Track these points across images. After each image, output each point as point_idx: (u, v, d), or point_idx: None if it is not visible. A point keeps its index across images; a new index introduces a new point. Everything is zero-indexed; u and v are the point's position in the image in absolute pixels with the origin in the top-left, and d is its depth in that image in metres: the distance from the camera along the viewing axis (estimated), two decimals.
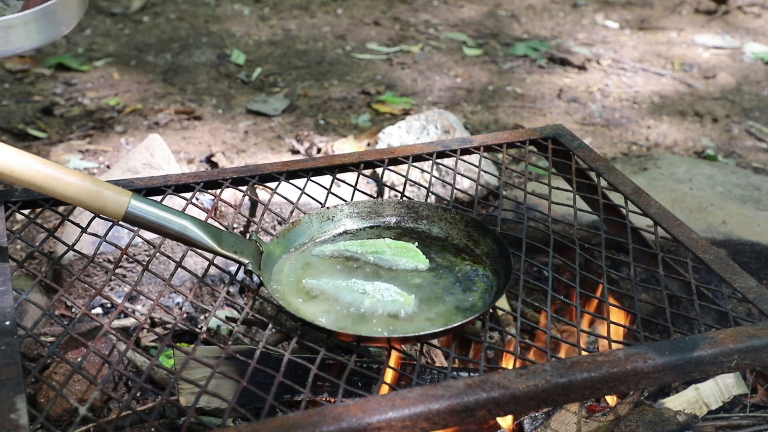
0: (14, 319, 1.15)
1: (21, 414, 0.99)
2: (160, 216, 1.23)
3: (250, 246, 1.30)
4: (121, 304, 1.22)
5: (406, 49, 3.68)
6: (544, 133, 1.76)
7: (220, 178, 1.57)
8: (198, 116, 3.01)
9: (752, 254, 2.03)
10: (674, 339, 1.16)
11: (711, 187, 2.29)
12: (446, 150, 1.69)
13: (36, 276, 1.25)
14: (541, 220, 1.53)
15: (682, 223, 1.46)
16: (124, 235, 1.89)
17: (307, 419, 0.99)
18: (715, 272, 1.34)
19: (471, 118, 3.07)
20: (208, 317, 1.25)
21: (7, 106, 3.05)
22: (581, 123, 3.05)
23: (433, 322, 1.24)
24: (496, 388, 1.05)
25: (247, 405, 1.40)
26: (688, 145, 2.92)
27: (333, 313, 1.25)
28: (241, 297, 2.02)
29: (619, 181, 1.60)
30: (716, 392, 1.65)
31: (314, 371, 1.11)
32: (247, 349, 1.49)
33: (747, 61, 3.68)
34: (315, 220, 1.45)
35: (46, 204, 1.45)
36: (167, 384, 1.65)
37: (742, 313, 1.84)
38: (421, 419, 1.02)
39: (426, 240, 1.44)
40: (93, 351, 1.12)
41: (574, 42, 3.81)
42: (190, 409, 1.05)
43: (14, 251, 2.15)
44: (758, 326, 1.19)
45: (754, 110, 3.20)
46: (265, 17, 4.03)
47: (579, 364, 1.10)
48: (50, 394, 1.61)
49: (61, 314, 1.95)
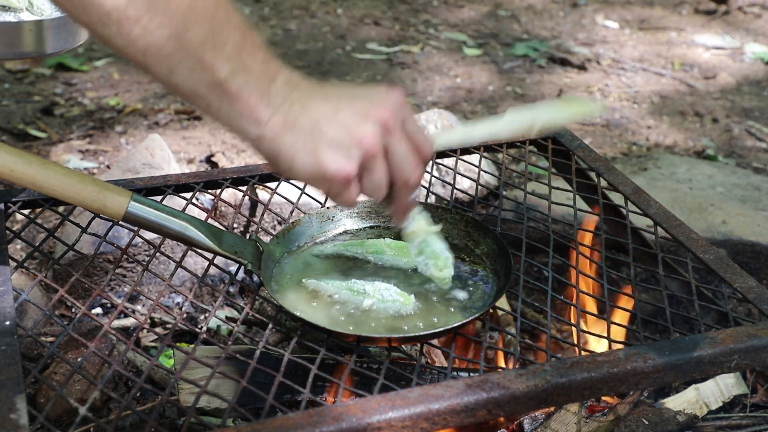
0: (14, 319, 1.14)
1: (21, 414, 0.99)
2: (160, 216, 1.23)
3: (250, 246, 1.30)
4: (121, 304, 1.22)
5: (406, 49, 3.68)
6: (544, 133, 1.76)
7: (220, 178, 1.57)
8: (198, 116, 3.01)
9: (752, 254, 2.03)
10: (674, 339, 1.16)
11: (711, 187, 2.29)
12: (446, 150, 1.69)
13: (36, 276, 1.25)
14: (541, 220, 1.53)
15: (682, 223, 1.46)
16: (124, 235, 1.89)
17: (307, 419, 0.99)
18: (715, 272, 1.34)
19: (471, 118, 3.08)
20: (208, 317, 1.25)
21: (7, 106, 3.05)
22: (581, 123, 3.05)
23: (433, 322, 1.24)
24: (496, 388, 1.05)
25: (247, 405, 1.40)
26: (688, 145, 2.92)
27: (333, 313, 1.25)
28: (241, 297, 2.02)
29: (619, 181, 1.60)
30: (716, 392, 1.65)
31: (314, 371, 1.11)
32: (247, 349, 1.49)
33: (747, 61, 3.68)
34: (315, 220, 1.45)
35: (46, 204, 1.45)
36: (167, 384, 1.65)
37: (742, 313, 1.84)
38: (421, 419, 1.02)
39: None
40: (93, 351, 1.12)
41: (574, 42, 3.81)
42: (190, 409, 1.05)
43: (14, 251, 2.15)
44: (758, 326, 1.19)
45: (754, 110, 3.20)
46: (265, 17, 4.03)
47: (579, 364, 1.10)
48: (50, 394, 1.61)
49: (61, 314, 1.95)
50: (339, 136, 1.03)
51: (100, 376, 1.62)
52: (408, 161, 1.08)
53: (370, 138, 1.04)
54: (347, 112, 1.04)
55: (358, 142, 1.03)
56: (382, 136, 1.05)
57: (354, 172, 1.04)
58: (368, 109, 1.05)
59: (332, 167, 1.03)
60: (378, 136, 1.04)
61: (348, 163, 1.03)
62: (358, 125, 1.04)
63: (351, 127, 1.03)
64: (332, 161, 1.03)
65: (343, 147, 1.03)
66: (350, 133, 1.03)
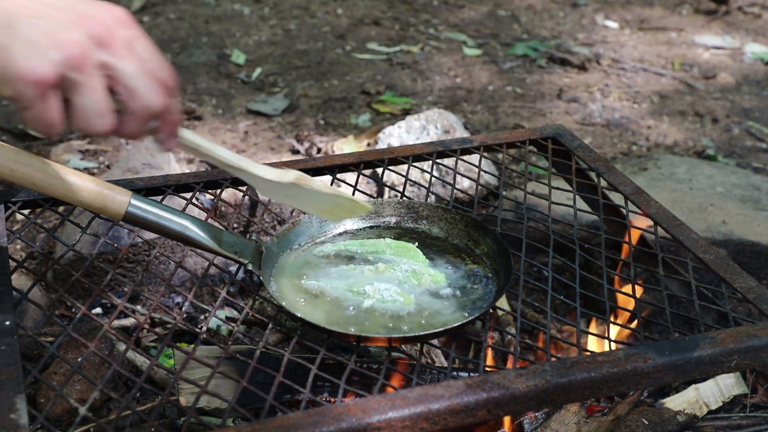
0: (14, 319, 1.15)
1: (21, 414, 0.99)
2: (160, 216, 1.23)
3: (250, 246, 1.30)
4: (121, 304, 1.22)
5: (406, 49, 3.68)
6: (544, 133, 1.76)
7: (220, 178, 1.58)
8: (198, 116, 3.01)
9: (752, 254, 2.03)
10: (674, 339, 1.16)
11: (711, 187, 2.29)
12: (446, 150, 1.69)
13: (36, 276, 1.25)
14: (541, 220, 1.53)
15: (682, 223, 1.46)
16: (124, 235, 1.89)
17: (307, 419, 0.99)
18: (715, 272, 1.34)
19: (471, 118, 3.07)
20: (208, 317, 1.25)
21: (7, 106, 3.05)
22: (581, 123, 3.05)
23: (433, 323, 1.24)
24: (496, 388, 1.05)
25: (247, 405, 1.40)
26: (688, 145, 2.92)
27: (333, 313, 1.25)
28: (241, 297, 2.02)
29: (619, 181, 1.60)
30: (716, 392, 1.65)
31: (314, 371, 1.12)
32: (247, 349, 1.49)
33: (747, 61, 3.68)
34: (315, 220, 1.45)
35: (46, 204, 1.45)
36: (167, 384, 1.65)
37: (742, 313, 1.84)
38: (421, 419, 1.02)
39: (426, 240, 1.44)
40: (93, 351, 1.12)
41: (574, 42, 3.81)
42: (190, 409, 1.05)
43: (14, 251, 2.15)
44: (758, 326, 1.19)
45: (754, 110, 3.21)
46: (265, 17, 4.03)
47: (579, 364, 1.10)
48: (50, 394, 1.61)
49: (61, 314, 1.95)
50: (37, 36, 0.90)
51: (100, 376, 1.62)
52: (141, 82, 0.96)
53: (74, 45, 0.91)
54: (50, 16, 0.92)
55: (59, 46, 0.90)
56: (93, 48, 0.93)
57: (50, 78, 0.90)
58: (78, 19, 0.93)
59: (22, 65, 0.89)
60: (86, 45, 0.92)
61: (42, 65, 0.90)
62: (62, 30, 0.92)
63: (52, 31, 0.91)
64: (23, 59, 0.89)
65: (39, 48, 0.90)
66: (50, 36, 0.91)
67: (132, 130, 1.00)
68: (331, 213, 1.31)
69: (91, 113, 0.94)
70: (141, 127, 1.00)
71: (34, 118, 0.93)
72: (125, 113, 0.98)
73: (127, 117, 0.99)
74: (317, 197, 1.25)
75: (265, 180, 1.20)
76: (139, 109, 0.98)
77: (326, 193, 1.26)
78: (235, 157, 1.16)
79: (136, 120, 0.99)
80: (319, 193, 1.24)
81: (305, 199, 1.25)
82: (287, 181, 1.20)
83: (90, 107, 0.94)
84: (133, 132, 1.00)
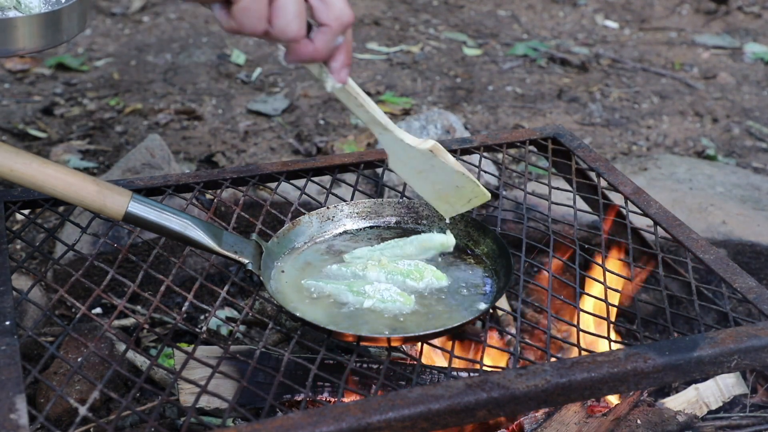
0: (14, 319, 1.15)
1: (21, 414, 1.00)
2: (160, 216, 1.23)
3: (250, 246, 1.30)
4: (121, 304, 1.22)
5: (406, 49, 3.68)
6: (544, 133, 1.76)
7: (220, 178, 1.58)
8: (198, 116, 3.01)
9: (752, 254, 2.03)
10: (674, 339, 1.16)
11: (711, 187, 2.29)
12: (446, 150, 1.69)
13: (36, 276, 1.25)
14: (541, 220, 1.53)
15: (682, 223, 1.46)
16: (124, 235, 1.89)
17: (307, 419, 0.99)
18: (715, 272, 1.34)
19: (471, 118, 3.07)
20: (208, 317, 1.25)
21: (7, 106, 3.05)
22: (581, 123, 3.05)
23: (433, 323, 1.24)
24: (496, 388, 1.05)
25: (247, 405, 1.40)
26: (688, 145, 2.92)
27: (333, 313, 1.25)
28: (241, 297, 2.02)
29: (619, 181, 1.60)
30: (716, 392, 1.65)
31: (314, 371, 1.12)
32: (247, 349, 1.49)
33: (747, 61, 3.68)
34: (315, 220, 1.45)
35: (46, 204, 1.45)
36: (167, 384, 1.65)
37: (742, 313, 1.84)
38: (421, 419, 1.02)
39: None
40: (93, 351, 1.12)
41: (574, 42, 3.81)
42: (190, 409, 1.05)
43: (14, 251, 2.15)
44: (758, 326, 1.19)
45: (754, 110, 3.20)
46: None
47: (579, 364, 1.10)
48: (50, 394, 1.61)
49: (61, 314, 1.95)
50: None
51: (100, 376, 1.62)
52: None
53: None
54: None
55: None
56: None
57: None
58: None
59: None
60: None
61: None
62: None
63: None
64: None
65: None
66: None
67: (321, 45, 1.06)
68: (447, 200, 1.32)
69: (290, 14, 1.02)
70: (330, 41, 1.06)
71: (244, 7, 1.00)
72: (317, 30, 1.06)
73: (319, 31, 1.06)
74: (444, 174, 1.26)
75: (403, 145, 1.22)
76: (333, 20, 1.05)
77: (455, 170, 1.26)
78: (384, 118, 1.20)
79: (327, 34, 1.06)
80: (448, 169, 1.26)
81: (431, 175, 1.27)
82: (425, 147, 1.23)
83: (290, 7, 1.02)
84: (321, 48, 1.07)
